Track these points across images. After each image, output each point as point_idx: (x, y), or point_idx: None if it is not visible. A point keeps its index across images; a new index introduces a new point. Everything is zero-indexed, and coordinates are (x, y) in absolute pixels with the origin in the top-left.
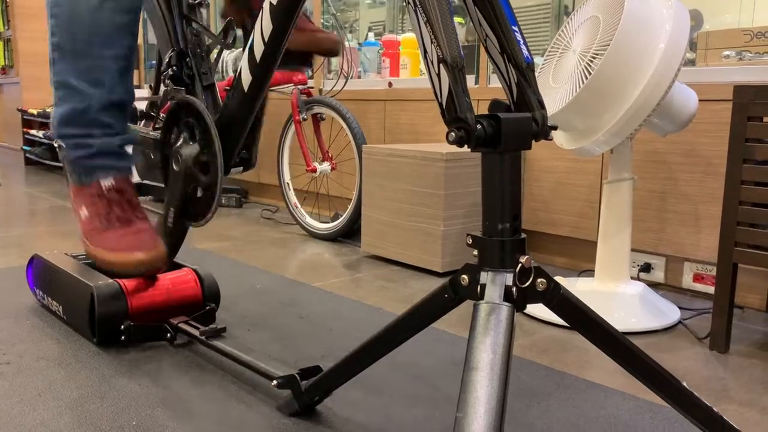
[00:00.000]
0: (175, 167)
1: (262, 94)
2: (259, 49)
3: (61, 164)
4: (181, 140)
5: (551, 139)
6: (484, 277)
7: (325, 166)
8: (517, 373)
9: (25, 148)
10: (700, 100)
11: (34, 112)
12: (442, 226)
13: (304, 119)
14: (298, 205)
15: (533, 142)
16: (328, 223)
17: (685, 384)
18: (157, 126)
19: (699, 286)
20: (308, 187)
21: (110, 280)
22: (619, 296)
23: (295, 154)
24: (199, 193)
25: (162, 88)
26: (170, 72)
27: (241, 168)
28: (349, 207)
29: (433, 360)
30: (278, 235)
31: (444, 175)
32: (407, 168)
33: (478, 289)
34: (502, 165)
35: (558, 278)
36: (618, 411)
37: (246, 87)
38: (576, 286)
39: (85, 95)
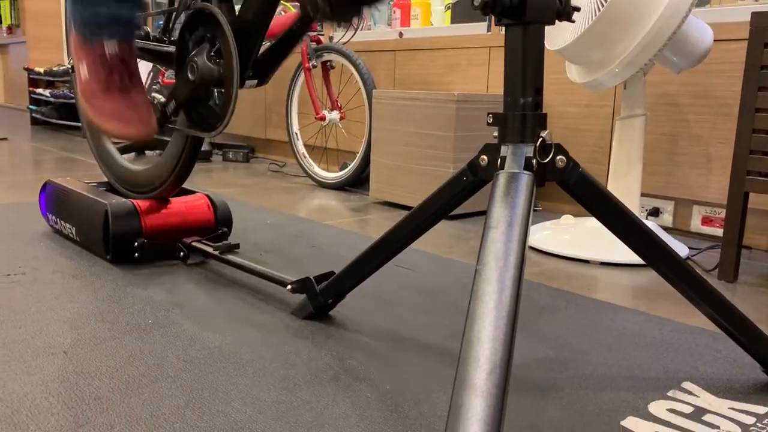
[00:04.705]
0: (190, 76)
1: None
2: None
3: (65, 122)
4: (197, 49)
5: (573, 21)
6: (504, 150)
7: (334, 114)
8: (526, 292)
9: (31, 107)
10: (714, 41)
11: (41, 70)
12: (451, 168)
13: (314, 66)
14: (307, 155)
15: (555, 19)
16: (336, 172)
17: (698, 271)
18: (172, 39)
19: (707, 229)
20: (316, 138)
21: (124, 200)
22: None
23: (303, 103)
24: (214, 103)
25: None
26: None
27: (256, 81)
28: (358, 155)
29: (443, 281)
30: (286, 185)
31: (455, 116)
32: (418, 111)
33: (498, 163)
34: (525, 38)
35: (567, 216)
36: (628, 323)
37: None
38: (585, 224)
39: None
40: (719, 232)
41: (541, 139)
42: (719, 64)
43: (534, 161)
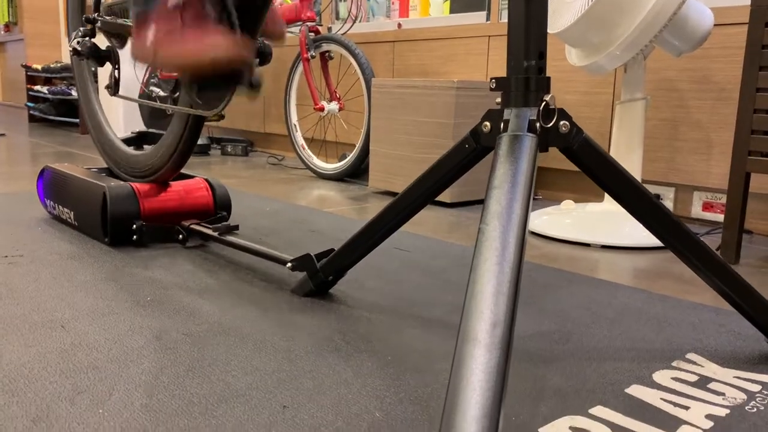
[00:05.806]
0: None
1: None
2: None
3: (63, 119)
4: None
5: None
6: (508, 114)
7: (333, 105)
8: (528, 272)
9: (28, 104)
10: (713, 25)
11: (39, 67)
12: None
13: (313, 57)
14: (305, 147)
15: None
16: (335, 163)
17: (700, 238)
18: None
19: (708, 215)
20: (315, 129)
21: (123, 183)
22: (629, 214)
23: (302, 95)
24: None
25: None
26: None
27: (257, 60)
28: (357, 145)
29: (443, 261)
30: (286, 176)
31: (455, 104)
32: (417, 99)
33: (501, 127)
34: (529, 0)
35: (568, 202)
36: (630, 300)
37: None
38: (586, 208)
39: None
40: (720, 217)
41: (544, 103)
42: (719, 49)
43: (537, 125)
